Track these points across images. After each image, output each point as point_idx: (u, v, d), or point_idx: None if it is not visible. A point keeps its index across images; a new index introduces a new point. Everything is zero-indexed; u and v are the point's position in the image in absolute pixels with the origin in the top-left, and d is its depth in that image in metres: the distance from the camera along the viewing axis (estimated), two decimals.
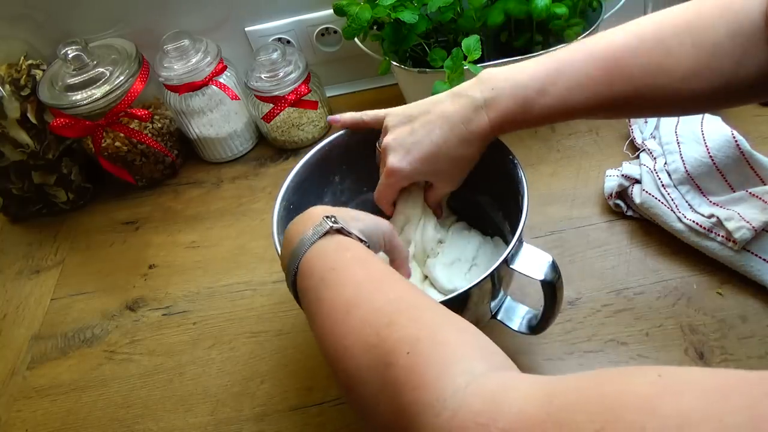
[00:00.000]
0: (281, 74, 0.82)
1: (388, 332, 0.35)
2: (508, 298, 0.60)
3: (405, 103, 0.86)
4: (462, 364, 0.32)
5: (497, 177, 0.58)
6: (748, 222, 0.61)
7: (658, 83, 0.46)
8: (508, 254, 0.49)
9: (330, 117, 0.63)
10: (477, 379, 0.30)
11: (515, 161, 0.55)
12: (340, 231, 0.45)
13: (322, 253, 0.43)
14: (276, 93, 0.83)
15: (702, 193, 0.67)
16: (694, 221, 0.64)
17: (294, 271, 0.44)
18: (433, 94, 0.67)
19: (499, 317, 0.59)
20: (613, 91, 0.47)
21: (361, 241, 0.45)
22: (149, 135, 0.86)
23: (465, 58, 0.67)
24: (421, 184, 0.60)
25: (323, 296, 0.40)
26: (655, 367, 0.25)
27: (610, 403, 0.24)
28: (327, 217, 0.45)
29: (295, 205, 0.60)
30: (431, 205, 0.61)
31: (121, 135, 0.84)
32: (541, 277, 0.49)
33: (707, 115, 0.71)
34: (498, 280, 0.54)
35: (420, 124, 0.53)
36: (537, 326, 0.55)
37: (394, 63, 0.76)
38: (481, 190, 0.64)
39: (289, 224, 0.48)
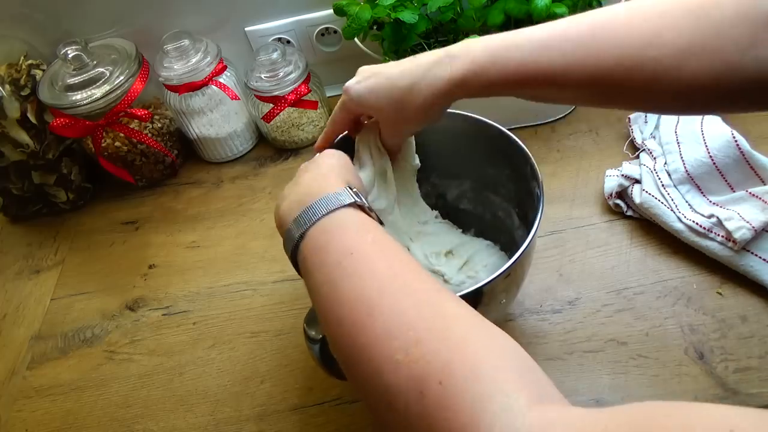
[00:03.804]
0: (281, 74, 0.82)
1: (418, 352, 0.32)
2: None
3: None
4: (500, 399, 0.29)
5: (505, 167, 0.58)
6: (748, 222, 0.61)
7: (649, 55, 0.41)
8: (529, 242, 0.49)
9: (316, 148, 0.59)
10: (517, 419, 0.28)
11: (528, 156, 0.55)
12: (361, 207, 0.42)
13: (339, 227, 0.40)
14: (276, 93, 0.83)
15: (702, 193, 0.67)
16: (694, 221, 0.64)
17: (300, 236, 0.41)
18: None
19: None
20: (600, 61, 0.43)
21: (378, 221, 0.43)
22: (149, 135, 0.86)
23: None
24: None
25: (340, 285, 0.38)
26: (722, 410, 0.23)
27: None
28: (350, 188, 0.43)
29: None
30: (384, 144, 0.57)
31: (121, 135, 0.84)
32: None
33: (707, 115, 0.71)
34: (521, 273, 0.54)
35: (392, 62, 0.51)
36: None
37: None
38: (492, 186, 0.64)
39: (298, 175, 0.46)
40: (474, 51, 0.46)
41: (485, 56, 0.45)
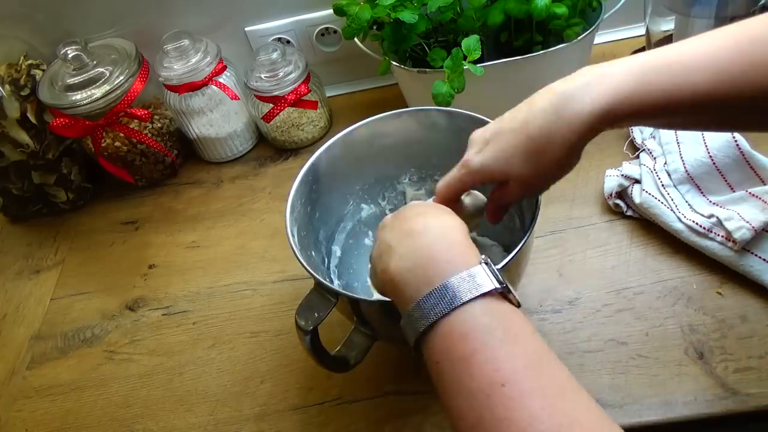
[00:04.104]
0: (281, 74, 0.82)
1: None
2: None
3: (405, 103, 0.87)
4: None
5: None
6: (748, 222, 0.61)
7: None
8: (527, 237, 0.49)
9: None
10: None
11: None
12: (503, 294, 0.36)
13: (482, 330, 0.34)
14: (276, 93, 0.83)
15: (702, 193, 0.68)
16: (694, 221, 0.64)
17: (427, 326, 0.35)
18: (433, 94, 0.67)
19: None
20: (759, 82, 0.37)
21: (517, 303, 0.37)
22: (149, 135, 0.86)
23: (465, 58, 0.67)
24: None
25: (487, 421, 0.32)
26: None
27: None
28: (487, 265, 0.37)
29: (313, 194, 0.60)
30: (493, 205, 0.51)
31: (121, 135, 0.84)
32: None
33: None
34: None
35: (506, 115, 0.45)
36: None
37: (394, 63, 0.76)
38: None
39: (413, 228, 0.40)
40: (615, 75, 0.39)
41: (631, 79, 0.39)
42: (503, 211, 0.51)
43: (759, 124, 0.42)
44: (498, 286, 0.35)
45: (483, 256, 0.38)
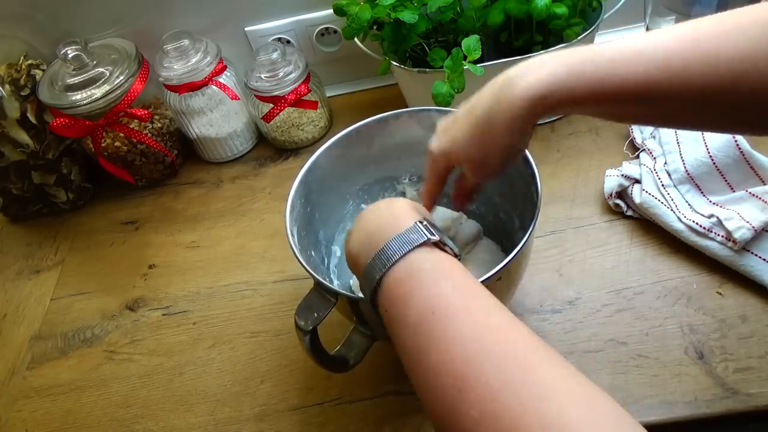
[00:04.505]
0: (281, 74, 0.82)
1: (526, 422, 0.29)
2: None
3: (405, 103, 0.87)
4: None
5: (511, 172, 0.58)
6: (748, 222, 0.61)
7: (747, 74, 0.36)
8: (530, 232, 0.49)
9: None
10: None
11: (527, 158, 0.55)
12: (436, 244, 0.40)
13: (415, 276, 0.38)
14: (276, 93, 0.83)
15: (702, 193, 0.67)
16: (694, 221, 0.64)
17: (376, 282, 0.39)
18: (433, 94, 0.67)
19: None
20: (705, 76, 0.37)
21: (454, 254, 0.41)
22: (149, 135, 0.86)
23: (465, 58, 0.67)
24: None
25: (425, 350, 0.35)
26: None
27: None
28: (421, 222, 0.40)
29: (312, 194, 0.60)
30: (455, 191, 0.57)
31: (121, 135, 0.84)
32: None
33: None
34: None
35: (464, 103, 0.48)
36: None
37: (394, 63, 0.76)
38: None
39: (365, 212, 0.45)
40: (552, 63, 0.41)
41: (565, 69, 0.40)
42: (467, 197, 0.57)
43: (702, 124, 0.44)
44: (430, 237, 0.39)
45: (422, 219, 0.42)
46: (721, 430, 0.58)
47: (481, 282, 0.46)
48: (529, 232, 0.49)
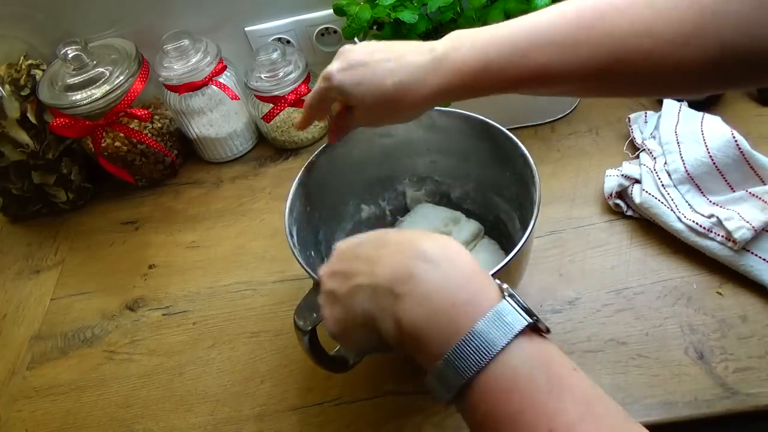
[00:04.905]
0: (281, 74, 0.82)
1: None
2: None
3: None
4: None
5: (507, 169, 0.58)
6: (747, 222, 0.61)
7: (643, 46, 0.40)
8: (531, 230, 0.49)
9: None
10: None
11: (527, 158, 0.55)
12: (538, 328, 0.33)
13: (524, 378, 0.31)
14: (276, 93, 0.83)
15: (702, 193, 0.67)
16: (693, 221, 0.64)
17: (463, 384, 0.32)
18: None
19: None
20: (593, 54, 0.41)
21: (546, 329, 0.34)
22: (149, 135, 0.86)
23: None
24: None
25: None
26: None
27: None
28: (510, 295, 0.33)
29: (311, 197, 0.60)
30: (334, 126, 0.57)
31: (121, 135, 0.84)
32: None
33: (707, 115, 0.71)
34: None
35: (379, 53, 0.49)
36: None
37: None
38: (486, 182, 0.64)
39: (423, 263, 0.35)
40: (462, 52, 0.45)
41: (474, 60, 0.44)
42: (342, 134, 0.58)
43: (625, 92, 0.48)
44: (529, 320, 0.32)
45: (504, 285, 0.34)
46: (721, 430, 0.58)
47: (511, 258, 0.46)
48: (528, 231, 0.49)
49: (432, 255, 0.35)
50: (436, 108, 0.63)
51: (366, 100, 0.49)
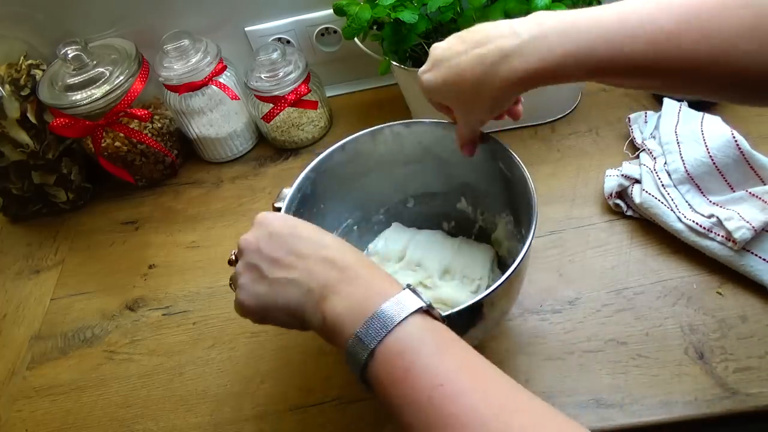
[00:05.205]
0: (281, 74, 0.82)
1: None
2: None
3: (405, 103, 0.87)
4: None
5: (499, 179, 0.58)
6: (747, 222, 0.61)
7: (742, 48, 0.39)
8: (527, 250, 0.49)
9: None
10: None
11: (517, 161, 0.54)
12: (428, 311, 0.38)
13: (416, 348, 0.36)
14: (276, 93, 0.83)
15: (702, 193, 0.67)
16: (694, 221, 0.64)
17: (369, 353, 0.36)
18: None
19: None
20: (692, 53, 0.40)
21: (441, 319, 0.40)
22: (149, 135, 0.86)
23: None
24: None
25: (431, 418, 0.33)
26: None
27: None
28: (411, 288, 0.39)
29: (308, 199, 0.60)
30: (460, 138, 0.55)
31: (121, 135, 0.84)
32: None
33: (707, 115, 0.71)
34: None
35: (459, 45, 0.48)
36: None
37: (394, 63, 0.76)
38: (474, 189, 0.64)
39: (341, 273, 0.40)
40: (550, 39, 0.43)
41: (563, 48, 0.42)
42: (467, 143, 0.55)
43: (702, 92, 0.45)
44: (425, 304, 0.38)
45: (409, 284, 0.40)
46: (721, 430, 0.58)
47: (480, 299, 0.46)
48: (527, 245, 0.48)
49: (356, 270, 0.41)
50: (435, 121, 0.60)
51: (452, 97, 0.49)
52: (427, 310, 0.38)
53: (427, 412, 0.34)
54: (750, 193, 0.64)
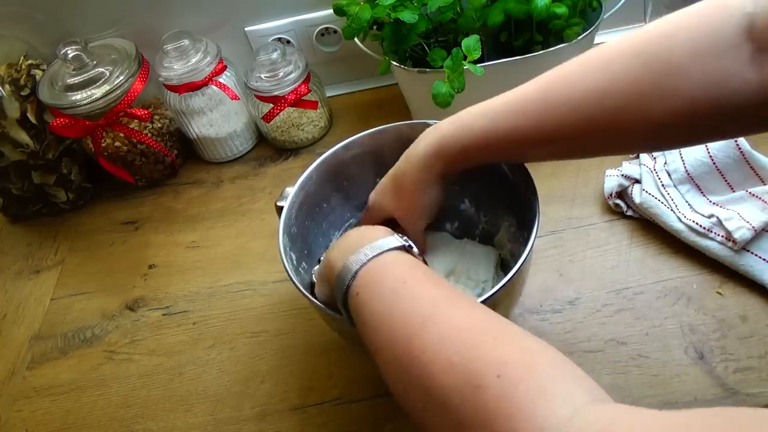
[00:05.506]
0: (281, 74, 0.82)
1: (474, 353, 0.33)
2: None
3: (405, 103, 0.87)
4: (561, 392, 0.30)
5: (502, 180, 0.58)
6: (747, 222, 0.61)
7: (606, 105, 0.41)
8: (530, 248, 0.49)
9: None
10: (580, 412, 0.28)
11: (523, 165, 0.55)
12: (410, 251, 0.43)
13: (391, 264, 0.42)
14: (276, 93, 0.83)
15: (702, 193, 0.68)
16: (693, 221, 0.64)
17: (352, 276, 0.41)
18: (433, 94, 0.67)
19: None
20: (561, 117, 0.43)
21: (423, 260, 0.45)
22: (149, 135, 0.86)
23: (465, 58, 0.67)
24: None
25: (395, 307, 0.38)
26: None
27: None
28: (400, 235, 0.44)
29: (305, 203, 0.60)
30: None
31: (121, 135, 0.84)
32: None
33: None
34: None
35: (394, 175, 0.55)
36: None
37: (394, 63, 0.76)
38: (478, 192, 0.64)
39: (348, 231, 0.48)
40: (442, 125, 0.49)
41: (452, 127, 0.48)
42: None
43: (601, 151, 0.48)
44: (405, 243, 0.43)
45: (399, 234, 0.45)
46: None
47: (483, 300, 0.46)
48: (529, 247, 0.48)
49: (360, 227, 0.49)
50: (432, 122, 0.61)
51: (389, 201, 0.55)
52: (408, 249, 0.43)
53: (387, 299, 0.39)
54: (750, 193, 0.64)
